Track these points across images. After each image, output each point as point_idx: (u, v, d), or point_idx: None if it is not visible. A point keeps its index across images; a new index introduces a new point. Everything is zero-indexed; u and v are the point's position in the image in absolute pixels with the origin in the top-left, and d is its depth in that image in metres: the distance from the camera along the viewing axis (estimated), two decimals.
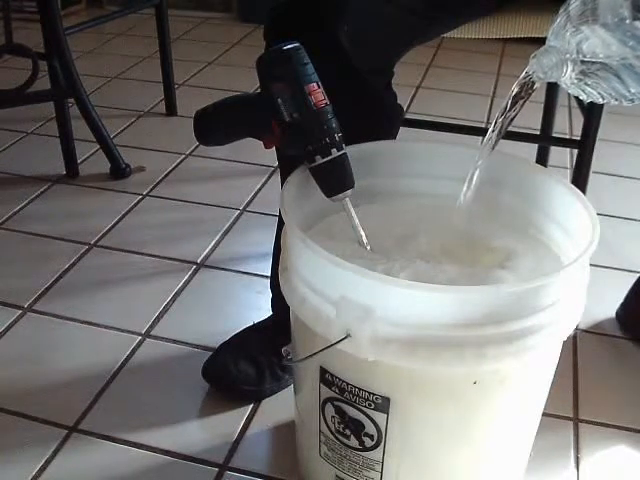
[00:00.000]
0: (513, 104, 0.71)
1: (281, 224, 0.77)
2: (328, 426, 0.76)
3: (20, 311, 1.19)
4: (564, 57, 0.65)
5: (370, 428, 0.72)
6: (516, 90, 0.70)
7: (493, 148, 0.74)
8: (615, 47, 0.61)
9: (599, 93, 0.65)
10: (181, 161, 1.71)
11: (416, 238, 0.78)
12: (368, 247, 0.75)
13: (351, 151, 0.74)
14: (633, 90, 0.63)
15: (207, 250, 1.36)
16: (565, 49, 0.64)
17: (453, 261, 0.73)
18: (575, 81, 0.66)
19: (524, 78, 0.69)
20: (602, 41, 0.62)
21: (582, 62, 0.64)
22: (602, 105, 1.10)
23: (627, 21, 0.60)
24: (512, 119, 0.72)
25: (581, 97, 0.67)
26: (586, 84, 0.65)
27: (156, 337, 1.14)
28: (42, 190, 1.56)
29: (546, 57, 0.66)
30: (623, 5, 0.60)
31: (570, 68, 0.65)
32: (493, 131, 0.73)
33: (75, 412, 0.99)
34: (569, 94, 0.69)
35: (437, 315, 0.63)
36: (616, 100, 0.65)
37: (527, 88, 0.70)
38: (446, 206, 0.81)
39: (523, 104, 0.71)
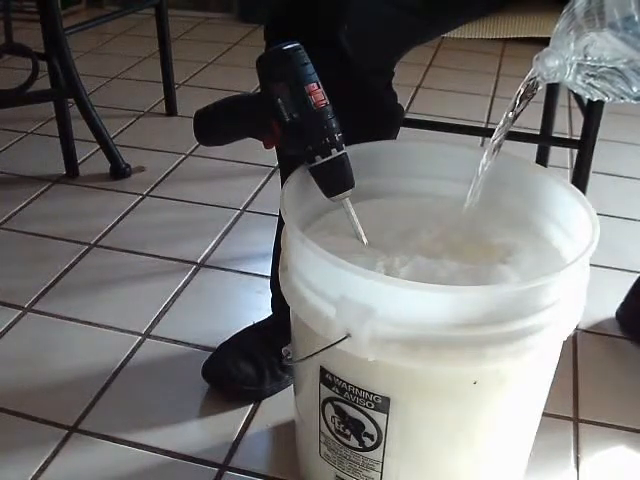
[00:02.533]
0: (519, 104, 0.71)
1: (281, 224, 0.77)
2: (328, 426, 0.76)
3: (20, 311, 1.19)
4: (569, 60, 0.64)
5: (370, 428, 0.72)
6: (522, 91, 0.70)
7: (499, 148, 0.74)
8: (622, 50, 0.61)
9: (604, 93, 0.65)
10: (181, 161, 1.71)
11: (417, 233, 0.78)
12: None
13: (351, 151, 0.74)
14: (636, 89, 0.63)
15: (207, 250, 1.36)
16: (570, 52, 0.64)
17: (454, 256, 0.73)
18: (580, 82, 0.65)
19: (529, 80, 0.69)
20: (609, 44, 0.61)
21: (588, 65, 0.64)
22: (602, 105, 1.10)
23: (636, 18, 0.59)
24: (514, 119, 0.72)
25: (586, 96, 0.67)
26: (591, 85, 0.65)
27: (156, 337, 1.13)
28: (42, 190, 1.56)
29: (550, 59, 0.66)
30: (631, 2, 0.60)
31: (575, 70, 0.65)
32: (499, 132, 0.73)
33: (75, 412, 0.99)
34: (569, 94, 0.69)
35: (437, 315, 0.63)
36: (621, 98, 0.65)
37: (531, 89, 0.70)
38: (447, 203, 0.81)
39: (526, 104, 0.71)
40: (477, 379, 0.68)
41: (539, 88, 0.70)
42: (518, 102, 0.71)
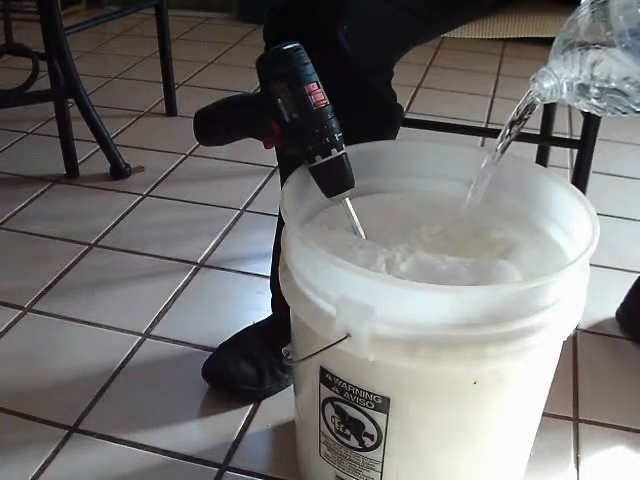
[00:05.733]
0: (515, 125, 0.71)
1: (281, 224, 0.77)
2: (328, 426, 0.76)
3: (20, 311, 1.19)
4: (568, 79, 0.63)
5: (370, 428, 0.72)
6: (517, 116, 0.70)
7: (497, 161, 0.74)
8: (632, 66, 0.59)
9: (604, 110, 0.64)
10: (181, 161, 1.71)
11: (417, 228, 0.78)
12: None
13: (351, 151, 0.74)
14: (635, 106, 0.62)
15: (207, 250, 1.36)
16: (576, 72, 0.63)
17: (455, 251, 0.73)
18: (579, 100, 0.65)
19: (525, 102, 0.69)
20: (618, 62, 0.60)
21: (594, 85, 0.63)
22: None
23: None
24: (510, 143, 0.73)
25: (587, 111, 0.66)
26: (589, 104, 0.64)
27: (156, 337, 1.14)
28: (42, 190, 1.56)
29: (546, 80, 0.65)
30: (638, 12, 0.58)
31: (577, 92, 0.64)
32: (499, 146, 0.73)
33: (75, 412, 0.99)
34: None
35: (437, 315, 0.63)
36: (624, 113, 0.64)
37: (528, 109, 0.70)
38: (448, 199, 0.81)
39: (522, 126, 0.71)
40: (477, 379, 0.68)
41: (536, 108, 0.69)
42: (509, 129, 0.71)
